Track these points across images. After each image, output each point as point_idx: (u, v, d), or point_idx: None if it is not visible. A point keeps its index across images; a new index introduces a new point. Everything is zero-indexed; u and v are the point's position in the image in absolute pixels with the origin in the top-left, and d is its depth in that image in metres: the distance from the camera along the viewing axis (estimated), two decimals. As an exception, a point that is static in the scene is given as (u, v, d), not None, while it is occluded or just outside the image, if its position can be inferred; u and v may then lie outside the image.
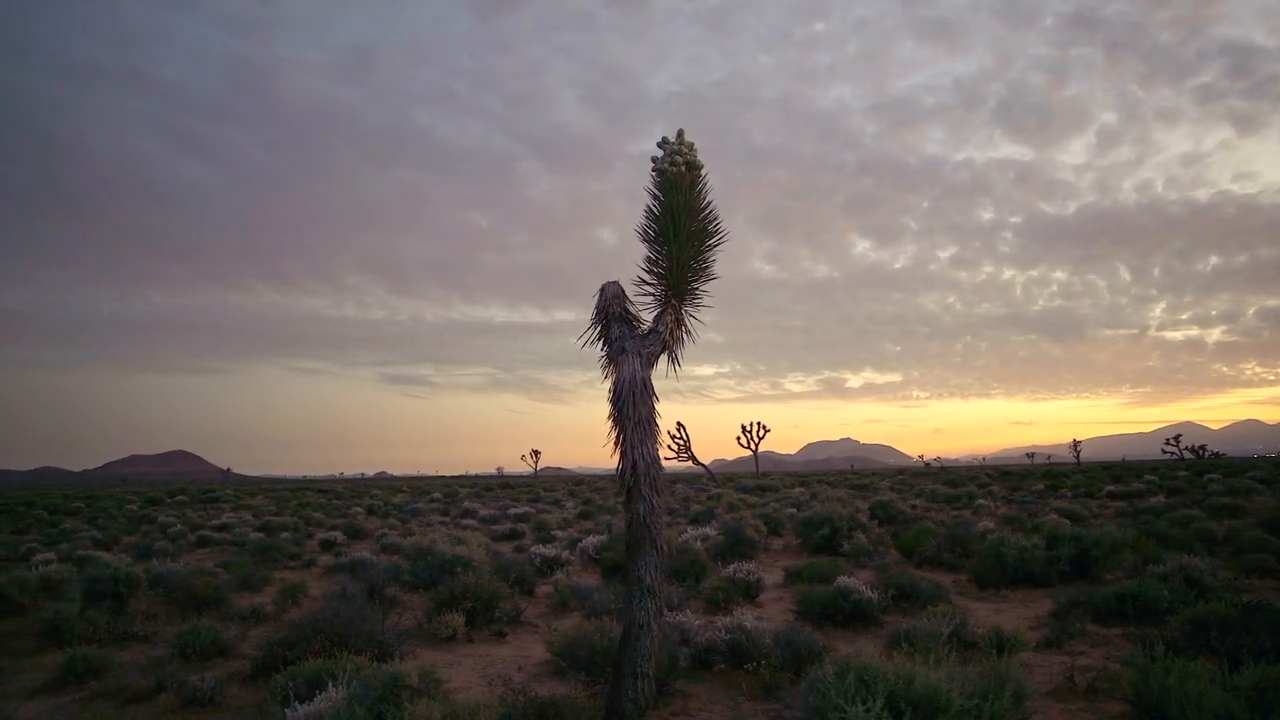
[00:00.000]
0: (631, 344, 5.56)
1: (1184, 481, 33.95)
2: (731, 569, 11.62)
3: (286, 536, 20.78)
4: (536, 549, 14.69)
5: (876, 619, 9.39)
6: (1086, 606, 9.10)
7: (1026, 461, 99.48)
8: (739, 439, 57.76)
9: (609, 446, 5.45)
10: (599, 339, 5.80)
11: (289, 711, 5.05)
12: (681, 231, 5.69)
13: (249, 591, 12.43)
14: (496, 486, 63.47)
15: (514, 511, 27.79)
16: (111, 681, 7.67)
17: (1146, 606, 8.58)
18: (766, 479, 55.35)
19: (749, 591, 11.29)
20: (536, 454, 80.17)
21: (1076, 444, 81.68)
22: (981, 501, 27.29)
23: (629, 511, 5.33)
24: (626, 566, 5.39)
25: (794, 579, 12.13)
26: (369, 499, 42.25)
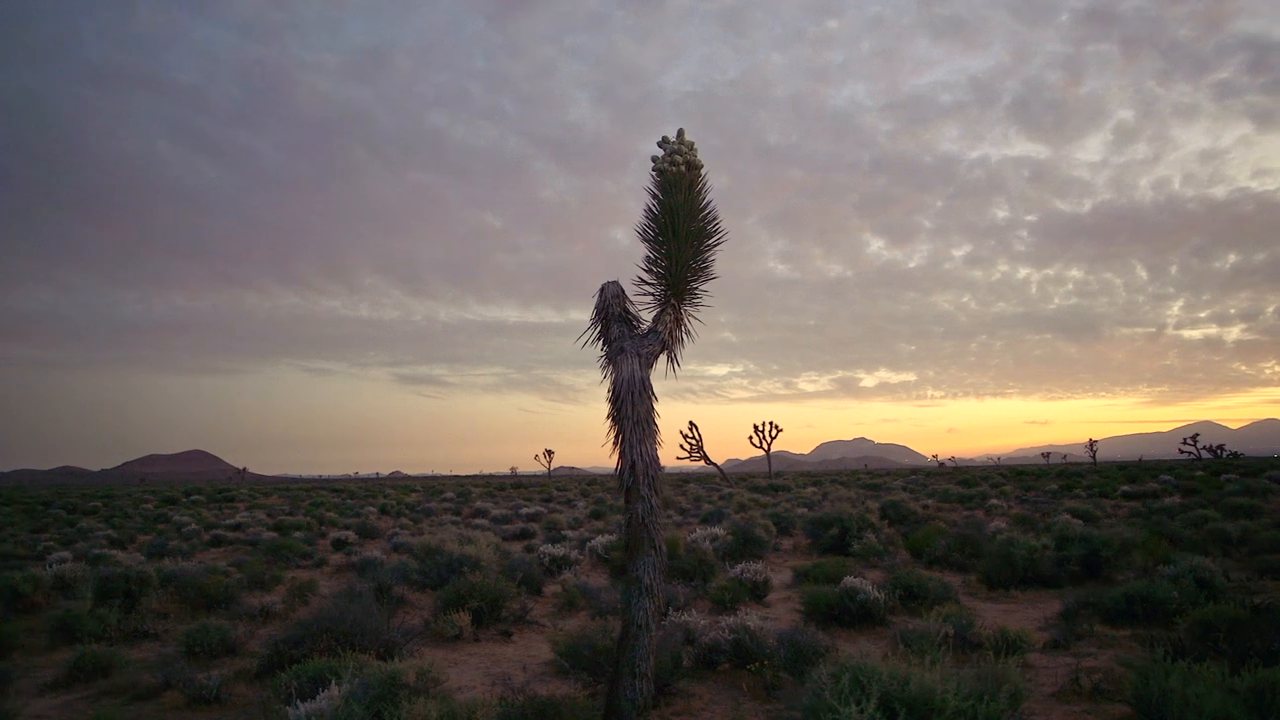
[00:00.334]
0: (630, 344, 5.54)
1: (1200, 481, 33.55)
2: (739, 569, 11.60)
3: (299, 536, 20.94)
4: (545, 548, 14.72)
5: (883, 619, 9.36)
6: (1095, 608, 9.03)
7: (1042, 461, 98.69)
8: (751, 439, 57.58)
9: (608, 446, 5.44)
10: (598, 339, 5.78)
11: (290, 710, 5.09)
12: (681, 231, 5.66)
13: (260, 590, 12.53)
14: (510, 486, 63.70)
15: (526, 511, 27.89)
16: (120, 679, 7.76)
17: (1155, 608, 8.50)
18: (779, 479, 55.17)
19: (756, 591, 11.27)
20: (550, 454, 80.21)
21: (1092, 444, 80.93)
22: (994, 501, 27.12)
23: (627, 511, 5.31)
24: (625, 566, 5.37)
25: (802, 579, 12.07)
26: (382, 499, 42.47)
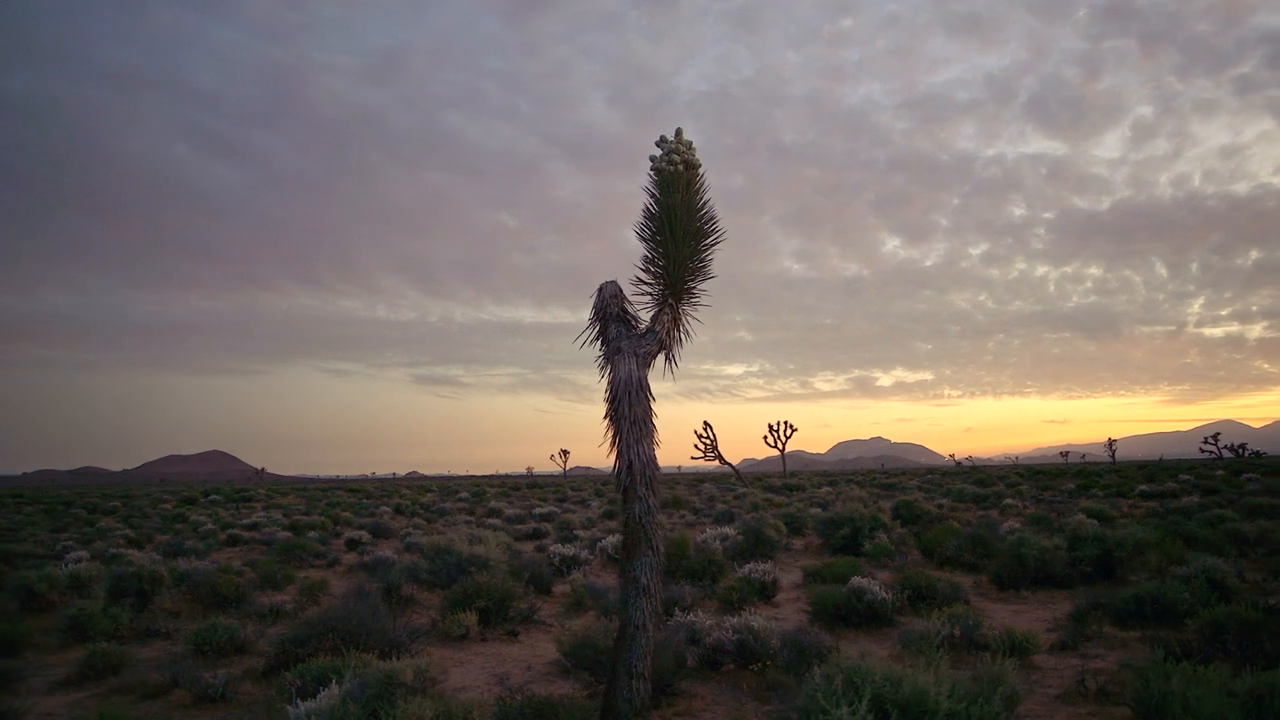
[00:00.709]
0: (628, 344, 5.54)
1: (1220, 481, 33.12)
2: (748, 569, 11.56)
3: (314, 535, 21.12)
4: (556, 548, 14.73)
5: (891, 620, 9.30)
6: (1106, 609, 8.92)
7: (1060, 461, 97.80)
8: (766, 439, 57.40)
9: (605, 447, 5.45)
10: (596, 339, 5.79)
11: (291, 709, 5.12)
12: (679, 230, 5.66)
13: (272, 589, 12.63)
14: (525, 486, 63.92)
15: (539, 511, 27.96)
16: (129, 677, 7.86)
17: (1166, 609, 8.38)
18: (794, 479, 55.00)
19: (765, 592, 11.23)
20: (565, 454, 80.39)
21: (1111, 443, 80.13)
22: (1009, 501, 26.88)
23: (625, 512, 5.32)
24: (623, 567, 5.38)
25: (812, 579, 12.01)
26: (397, 499, 42.75)
